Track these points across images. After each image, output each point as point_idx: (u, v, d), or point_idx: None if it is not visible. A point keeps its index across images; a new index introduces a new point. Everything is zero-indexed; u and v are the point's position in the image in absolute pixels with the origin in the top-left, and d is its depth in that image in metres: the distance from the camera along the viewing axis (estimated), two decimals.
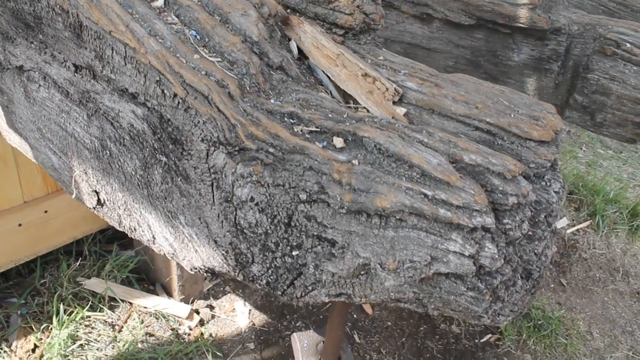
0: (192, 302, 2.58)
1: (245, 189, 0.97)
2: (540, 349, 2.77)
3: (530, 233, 1.06)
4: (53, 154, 1.52)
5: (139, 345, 2.27)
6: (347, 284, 1.00)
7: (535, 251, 1.08)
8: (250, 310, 2.60)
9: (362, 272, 0.97)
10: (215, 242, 1.12)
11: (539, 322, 2.83)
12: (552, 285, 3.24)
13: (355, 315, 2.66)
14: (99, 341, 2.27)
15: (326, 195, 0.92)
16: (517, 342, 2.76)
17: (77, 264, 2.54)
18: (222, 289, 2.70)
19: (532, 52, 2.26)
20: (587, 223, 3.82)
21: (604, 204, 3.95)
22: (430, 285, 0.98)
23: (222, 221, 1.05)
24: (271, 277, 1.05)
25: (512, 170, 0.92)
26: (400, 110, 1.08)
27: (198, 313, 2.53)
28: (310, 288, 1.02)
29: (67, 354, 2.19)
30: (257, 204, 0.97)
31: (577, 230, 3.74)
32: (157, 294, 2.56)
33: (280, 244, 1.00)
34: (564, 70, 2.29)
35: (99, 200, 1.44)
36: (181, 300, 2.55)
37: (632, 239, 3.87)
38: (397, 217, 0.90)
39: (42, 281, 2.51)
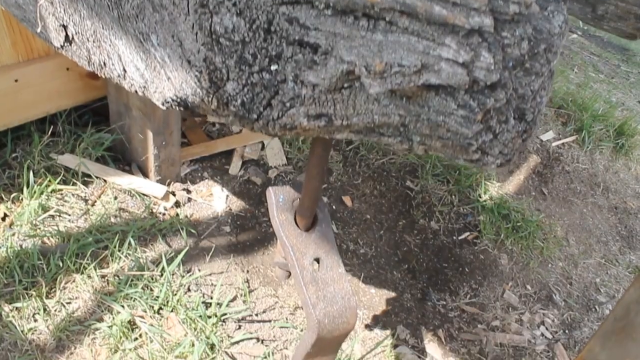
0: (169, 184, 2.52)
1: None
2: (517, 250, 2.78)
3: (527, 65, 0.99)
4: None
5: (112, 220, 2.22)
6: (329, 101, 0.93)
7: (531, 87, 1.01)
8: (227, 196, 2.55)
9: (346, 85, 0.90)
10: (189, 62, 1.04)
11: (518, 224, 2.83)
12: (534, 194, 3.24)
13: (334, 207, 2.63)
14: (70, 214, 2.21)
15: None
16: (495, 242, 2.76)
17: (50, 139, 2.44)
18: (199, 174, 2.64)
19: None
20: (573, 138, 3.79)
21: (592, 120, 3.91)
22: (418, 105, 0.91)
23: (197, 33, 0.97)
24: (247, 95, 0.98)
25: None
26: None
27: (174, 195, 2.48)
28: (288, 105, 0.95)
29: (38, 223, 2.14)
30: (234, 5, 0.88)
31: (563, 144, 3.71)
32: (133, 174, 2.49)
33: (258, 56, 0.92)
34: None
35: (67, 36, 1.34)
36: (157, 182, 2.48)
37: (616, 156, 3.86)
38: (387, 20, 0.82)
39: (13, 155, 2.42)
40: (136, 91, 1.25)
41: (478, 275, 2.61)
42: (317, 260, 1.40)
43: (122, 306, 1.93)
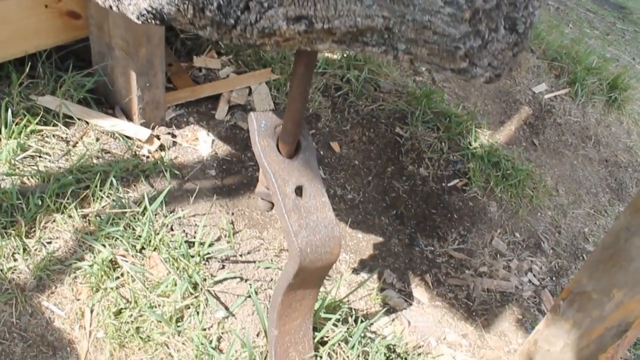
0: (153, 128, 2.46)
1: None
2: (506, 198, 2.75)
3: None
4: None
5: (94, 160, 2.17)
6: (309, 1, 0.87)
7: None
8: (213, 140, 2.50)
9: None
10: None
11: (508, 172, 2.81)
12: (524, 144, 3.20)
13: (322, 152, 2.58)
14: (51, 154, 2.16)
15: None
16: (484, 189, 2.74)
17: (30, 81, 2.37)
18: (185, 119, 2.58)
19: None
20: (566, 91, 3.74)
21: (585, 73, 3.86)
22: (403, 4, 0.86)
23: None
24: None
25: None
26: None
27: (159, 139, 2.42)
28: (266, 6, 0.89)
29: (16, 162, 2.08)
30: None
31: (555, 96, 3.66)
32: (116, 117, 2.43)
33: None
34: None
35: None
36: (141, 125, 2.42)
37: (608, 110, 3.82)
38: None
39: None
40: (110, 6, 1.19)
41: (467, 222, 2.59)
42: (300, 188, 1.36)
43: (104, 245, 1.90)
